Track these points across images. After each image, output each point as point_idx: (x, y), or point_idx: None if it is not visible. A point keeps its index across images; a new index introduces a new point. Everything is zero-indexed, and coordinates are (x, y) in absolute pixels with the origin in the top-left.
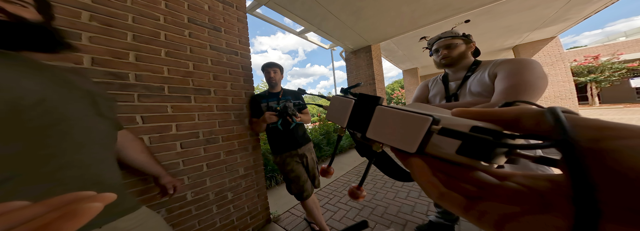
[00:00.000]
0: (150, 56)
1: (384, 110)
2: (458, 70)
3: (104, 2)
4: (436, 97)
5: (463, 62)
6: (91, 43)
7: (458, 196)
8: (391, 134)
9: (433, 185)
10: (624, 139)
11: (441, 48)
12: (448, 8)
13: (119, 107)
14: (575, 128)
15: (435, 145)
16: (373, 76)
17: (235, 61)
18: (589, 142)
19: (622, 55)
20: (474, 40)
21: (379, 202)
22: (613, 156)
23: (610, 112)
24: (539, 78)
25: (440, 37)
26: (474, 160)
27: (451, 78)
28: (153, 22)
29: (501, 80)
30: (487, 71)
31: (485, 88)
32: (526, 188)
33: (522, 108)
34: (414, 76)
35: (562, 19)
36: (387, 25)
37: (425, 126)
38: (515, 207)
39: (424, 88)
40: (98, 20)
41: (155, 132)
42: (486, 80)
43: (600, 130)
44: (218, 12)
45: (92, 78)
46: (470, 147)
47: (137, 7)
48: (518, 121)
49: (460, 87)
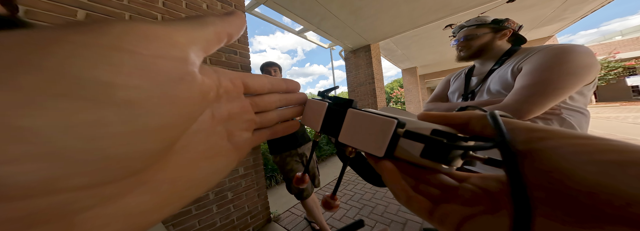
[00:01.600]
0: None
1: (356, 113)
2: (486, 61)
3: (101, 1)
4: (454, 95)
5: (490, 53)
6: None
7: (424, 200)
8: (361, 138)
9: (402, 188)
10: (547, 140)
11: (461, 39)
12: (447, 7)
13: None
14: (511, 131)
15: (403, 148)
16: (372, 75)
17: (235, 60)
18: (522, 143)
19: (619, 53)
20: (514, 25)
21: (379, 201)
22: (540, 156)
23: (607, 110)
24: (570, 74)
25: (463, 25)
26: (436, 163)
27: (476, 72)
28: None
29: (522, 76)
30: (513, 65)
31: (504, 86)
32: (481, 189)
33: (471, 113)
34: (413, 75)
35: (558, 19)
36: (386, 24)
37: (391, 129)
38: (472, 209)
39: (445, 84)
40: (94, 19)
41: None
42: (507, 76)
43: (530, 132)
44: (216, 11)
45: None
46: (431, 150)
47: (135, 6)
48: (467, 125)
49: (481, 83)
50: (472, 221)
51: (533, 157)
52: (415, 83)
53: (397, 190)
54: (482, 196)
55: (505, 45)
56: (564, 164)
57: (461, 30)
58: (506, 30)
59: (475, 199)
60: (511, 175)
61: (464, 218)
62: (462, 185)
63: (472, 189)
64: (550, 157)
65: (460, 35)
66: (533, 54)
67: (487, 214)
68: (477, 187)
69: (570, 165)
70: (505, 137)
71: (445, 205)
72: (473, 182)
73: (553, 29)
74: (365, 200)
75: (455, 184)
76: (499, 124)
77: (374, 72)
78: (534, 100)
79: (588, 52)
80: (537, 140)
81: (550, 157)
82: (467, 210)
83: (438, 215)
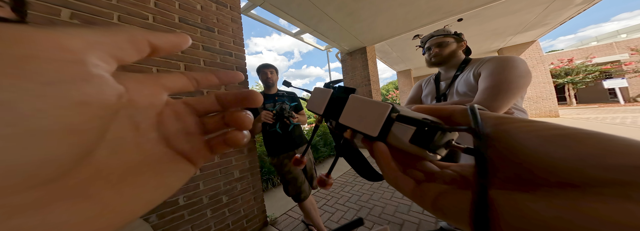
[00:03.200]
0: None
1: (356, 98)
2: (449, 69)
3: (87, 0)
4: (428, 97)
5: (453, 61)
6: None
7: (409, 180)
8: (359, 120)
9: (391, 168)
10: (506, 124)
11: (433, 46)
12: (439, 11)
13: None
14: (483, 120)
15: (394, 135)
16: (368, 77)
17: (230, 62)
18: (489, 127)
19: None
20: (466, 39)
21: (376, 202)
22: (499, 136)
23: (587, 111)
24: (520, 76)
25: (433, 35)
26: (422, 150)
27: (442, 77)
28: (141, 22)
29: (483, 79)
30: (472, 70)
31: (470, 88)
32: (458, 174)
33: (455, 107)
34: (408, 77)
35: (541, 24)
36: (382, 27)
37: (386, 111)
38: (447, 187)
39: (418, 88)
40: (80, 19)
41: None
42: (471, 79)
43: (498, 119)
44: (211, 12)
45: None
46: (419, 135)
47: (124, 6)
48: (451, 117)
49: (449, 87)
50: (445, 195)
51: (497, 138)
52: (410, 85)
53: (386, 169)
54: (457, 178)
55: (462, 55)
56: (513, 142)
57: (431, 39)
58: (463, 41)
59: (452, 181)
60: (475, 152)
61: (439, 193)
62: (443, 171)
63: (451, 174)
64: (507, 136)
65: (433, 43)
66: (486, 61)
67: (459, 189)
68: (455, 172)
69: (517, 142)
70: (478, 123)
71: (425, 183)
72: (453, 169)
73: (536, 34)
74: (362, 201)
75: (438, 170)
76: (475, 113)
77: (370, 74)
78: (501, 97)
79: (525, 62)
80: (500, 124)
81: (506, 137)
82: (443, 187)
83: (418, 192)
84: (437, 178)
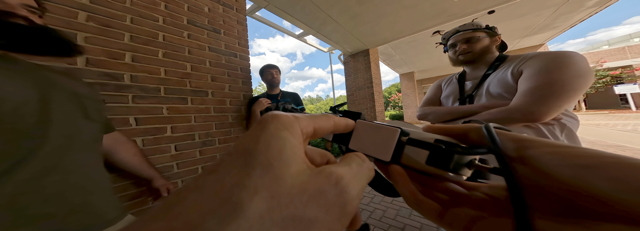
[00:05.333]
0: (147, 57)
1: (363, 124)
2: (478, 67)
3: (102, 3)
4: (449, 99)
5: (486, 58)
6: (86, 43)
7: (433, 204)
8: (369, 145)
9: (411, 192)
10: (532, 148)
11: (459, 42)
12: (444, 14)
13: (111, 108)
14: (503, 141)
15: (409, 156)
16: (371, 79)
17: (235, 63)
18: (512, 151)
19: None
20: (500, 32)
21: (377, 205)
22: (528, 162)
23: (598, 117)
24: (578, 76)
25: (458, 30)
26: (442, 171)
27: (469, 77)
28: (152, 23)
29: (527, 79)
30: (511, 68)
31: (506, 89)
32: (489, 197)
33: (469, 126)
34: (411, 80)
35: (550, 27)
36: (386, 29)
37: (395, 136)
38: (481, 212)
39: (437, 89)
40: (95, 21)
41: (149, 134)
42: (508, 79)
43: (518, 141)
44: (218, 14)
45: (84, 79)
46: (436, 157)
47: (137, 8)
48: (466, 136)
49: (478, 87)
50: (480, 223)
51: (524, 163)
52: (413, 88)
53: (406, 192)
54: (489, 202)
55: (495, 51)
56: (544, 168)
57: (456, 34)
58: (497, 36)
59: (483, 205)
60: (507, 177)
61: (472, 220)
62: (471, 193)
63: (480, 197)
64: (536, 163)
65: (459, 38)
66: (531, 57)
67: (494, 216)
68: (486, 195)
69: (550, 169)
70: (497, 144)
71: (455, 208)
72: (482, 191)
73: (544, 37)
74: (362, 204)
75: (464, 192)
76: (491, 133)
77: (372, 76)
78: (550, 101)
79: (585, 59)
80: (524, 148)
81: (536, 163)
82: (476, 212)
83: (448, 217)
84: (466, 202)
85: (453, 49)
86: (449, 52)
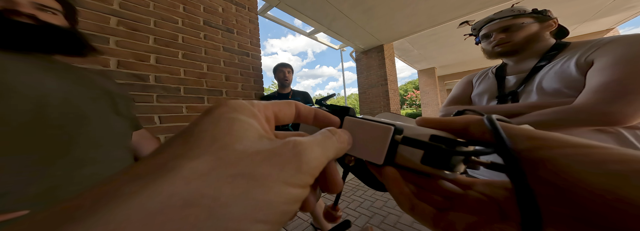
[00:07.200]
0: (169, 58)
1: (352, 121)
2: (525, 58)
3: (129, 8)
4: (483, 97)
5: (534, 47)
6: (118, 46)
7: (428, 208)
8: (360, 146)
9: (405, 196)
10: (555, 149)
11: (494, 32)
12: (473, 2)
13: (138, 107)
14: (510, 137)
15: (403, 156)
16: (385, 77)
17: (247, 62)
18: (525, 151)
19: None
20: (555, 16)
21: (391, 210)
22: (549, 165)
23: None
24: None
25: (492, 18)
26: (438, 170)
27: (511, 70)
28: (172, 26)
29: (602, 70)
30: (575, 58)
31: (568, 83)
32: (486, 197)
33: (469, 117)
34: (431, 76)
35: (623, 7)
36: (402, 23)
37: (388, 136)
38: (478, 217)
39: (466, 85)
40: (125, 25)
41: (171, 132)
42: (572, 70)
43: (531, 139)
44: (231, 14)
45: (116, 80)
46: (432, 156)
47: (159, 11)
48: (466, 130)
49: (525, 83)
50: (479, 230)
51: (538, 165)
52: (434, 85)
53: (400, 197)
54: (488, 204)
55: (550, 38)
56: (567, 174)
57: (490, 23)
58: (551, 20)
59: (481, 207)
60: (517, 183)
61: (470, 227)
62: (468, 192)
63: (477, 197)
64: (554, 166)
65: (494, 28)
66: (605, 43)
67: (494, 223)
68: (483, 195)
69: (573, 175)
70: (505, 143)
71: (450, 212)
72: (479, 190)
73: (614, 20)
74: (375, 208)
75: (460, 191)
76: (497, 129)
77: (387, 73)
78: (637, 99)
79: None
80: (541, 147)
81: (553, 167)
82: (473, 218)
83: (443, 223)
84: (462, 204)
85: (487, 40)
86: (482, 44)
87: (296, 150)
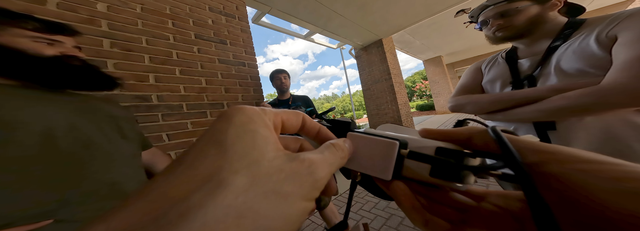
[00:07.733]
0: (167, 76)
1: (355, 136)
2: (537, 40)
3: (118, 28)
4: (495, 84)
5: (543, 28)
6: (117, 69)
7: (442, 223)
8: (365, 162)
9: (418, 211)
10: (566, 164)
11: (491, 18)
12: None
13: (146, 127)
14: (519, 151)
15: (410, 168)
16: (388, 71)
17: (244, 72)
18: (533, 166)
19: None
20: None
21: None
22: (562, 180)
23: None
24: None
25: (486, 4)
26: (448, 182)
27: (523, 53)
28: (164, 42)
29: (627, 45)
30: (594, 34)
31: (591, 62)
32: (501, 209)
33: (472, 129)
34: (439, 65)
35: None
36: (398, 16)
37: (394, 151)
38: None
39: (475, 73)
40: (118, 46)
41: (180, 148)
42: (593, 48)
43: (538, 153)
44: (222, 25)
45: (120, 103)
46: (440, 170)
47: (149, 29)
48: (469, 140)
49: (541, 65)
50: None
51: (548, 180)
52: (443, 74)
53: (412, 213)
54: (503, 217)
55: (559, 17)
56: (577, 192)
57: (487, 9)
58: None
59: (496, 220)
60: (532, 200)
61: None
62: (482, 205)
63: (492, 209)
64: (574, 182)
65: (490, 14)
66: (627, 16)
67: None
68: (498, 207)
69: (584, 193)
70: (516, 159)
71: (465, 227)
72: (493, 201)
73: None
74: (392, 208)
75: (473, 203)
76: (505, 144)
77: (389, 67)
78: None
79: None
80: (550, 162)
81: (574, 183)
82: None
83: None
84: (477, 218)
85: (486, 27)
86: (483, 30)
87: (310, 169)
